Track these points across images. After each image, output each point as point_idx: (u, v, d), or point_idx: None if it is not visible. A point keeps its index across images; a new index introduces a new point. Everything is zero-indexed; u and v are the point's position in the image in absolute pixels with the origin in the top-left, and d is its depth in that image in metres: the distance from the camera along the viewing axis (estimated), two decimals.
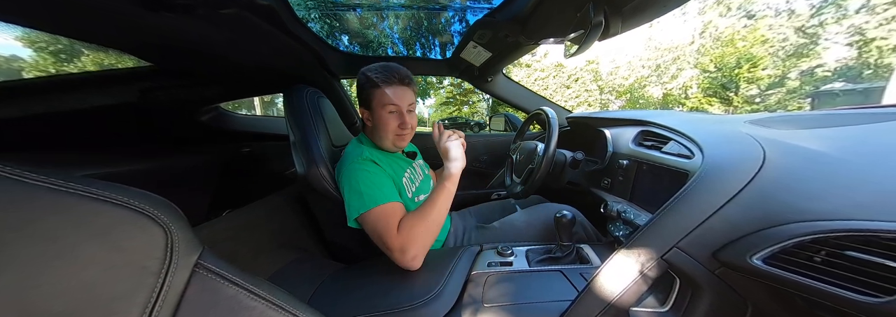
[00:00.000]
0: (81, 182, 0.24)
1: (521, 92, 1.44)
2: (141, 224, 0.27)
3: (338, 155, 0.75)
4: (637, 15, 0.59)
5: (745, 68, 8.43)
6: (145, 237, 0.27)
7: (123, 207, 0.26)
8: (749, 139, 0.48)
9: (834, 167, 0.38)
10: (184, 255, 0.30)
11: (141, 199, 0.28)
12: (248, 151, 1.26)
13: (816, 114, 0.57)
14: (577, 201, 0.97)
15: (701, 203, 0.43)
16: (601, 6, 0.56)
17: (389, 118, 0.68)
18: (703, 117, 0.74)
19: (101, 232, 0.25)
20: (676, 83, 10.92)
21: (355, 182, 0.61)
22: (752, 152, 0.45)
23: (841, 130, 0.46)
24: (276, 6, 0.60)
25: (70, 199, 0.24)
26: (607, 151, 0.86)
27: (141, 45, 0.71)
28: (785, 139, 0.46)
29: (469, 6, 1.28)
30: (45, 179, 0.23)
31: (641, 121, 0.81)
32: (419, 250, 0.58)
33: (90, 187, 0.25)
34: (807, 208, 0.35)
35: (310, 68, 1.03)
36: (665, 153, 0.64)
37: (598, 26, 0.56)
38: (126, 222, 0.26)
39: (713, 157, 0.48)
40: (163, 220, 0.28)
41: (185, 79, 0.91)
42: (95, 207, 0.25)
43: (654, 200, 0.65)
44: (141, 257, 0.28)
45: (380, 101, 0.68)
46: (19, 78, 0.75)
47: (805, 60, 9.11)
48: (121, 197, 0.26)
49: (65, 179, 0.24)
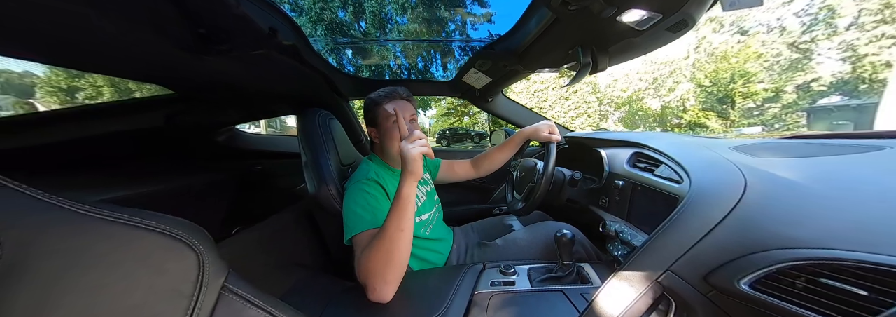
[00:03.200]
0: (128, 212, 0.28)
1: (520, 111, 1.50)
2: (178, 249, 0.31)
3: (345, 173, 0.79)
4: (622, 54, 0.65)
5: (739, 84, 8.59)
6: (182, 262, 0.31)
7: (162, 233, 0.30)
8: (732, 166, 0.51)
9: (810, 196, 0.40)
10: (213, 278, 0.33)
11: (176, 225, 0.31)
12: (259, 169, 1.31)
13: (796, 143, 0.61)
14: (576, 218, 1.00)
15: (690, 228, 0.45)
16: (589, 47, 0.62)
17: (394, 129, 0.74)
18: (691, 141, 0.78)
19: (144, 257, 0.28)
20: (674, 96, 11.09)
21: (353, 202, 0.65)
22: (735, 179, 0.47)
23: (817, 161, 0.49)
24: (298, 44, 0.67)
25: (118, 228, 0.27)
26: (604, 171, 0.90)
27: (171, 79, 0.78)
28: (764, 167, 0.49)
29: (470, 40, 1.38)
30: (97, 211, 0.26)
31: (635, 143, 0.86)
32: (380, 283, 0.54)
33: (135, 216, 0.28)
34: (787, 235, 0.37)
35: (321, 92, 1.09)
36: (657, 176, 0.67)
37: (586, 66, 0.62)
38: (165, 248, 0.30)
39: (700, 183, 0.51)
40: (196, 245, 0.32)
41: (207, 104, 0.98)
42: (139, 235, 0.28)
43: (649, 220, 0.68)
44: (178, 280, 0.31)
45: (384, 115, 0.74)
46: (67, 106, 0.82)
47: (800, 74, 9.29)
48: (160, 224, 0.29)
49: (114, 210, 0.27)
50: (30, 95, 16.02)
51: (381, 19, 9.40)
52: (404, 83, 1.45)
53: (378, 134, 0.77)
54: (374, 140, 0.80)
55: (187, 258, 0.31)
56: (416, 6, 9.48)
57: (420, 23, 9.81)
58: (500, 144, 1.73)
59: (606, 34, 0.58)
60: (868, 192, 0.38)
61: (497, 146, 1.06)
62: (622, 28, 0.52)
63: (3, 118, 0.71)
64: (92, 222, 0.25)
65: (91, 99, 12.58)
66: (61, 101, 14.06)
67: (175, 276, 0.30)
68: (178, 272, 0.30)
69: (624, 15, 0.47)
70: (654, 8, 0.45)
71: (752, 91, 8.74)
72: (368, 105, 0.77)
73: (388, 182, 0.72)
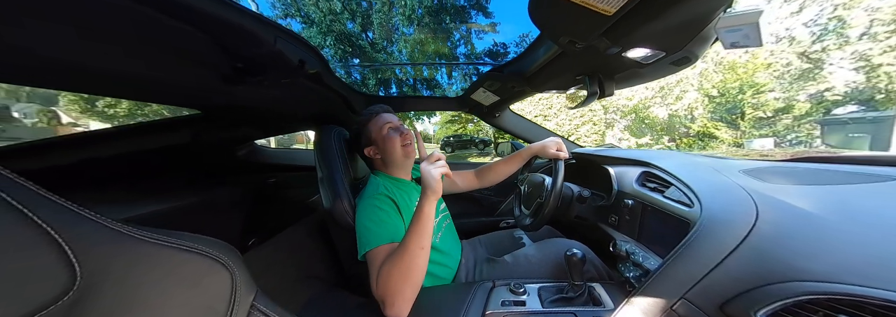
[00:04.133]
0: (175, 235, 0.30)
1: (527, 125, 1.53)
2: (215, 270, 0.33)
3: (357, 186, 0.83)
4: (628, 81, 0.68)
5: (748, 94, 8.47)
6: (217, 281, 0.33)
7: (203, 255, 0.32)
8: (742, 192, 0.51)
9: (825, 228, 0.40)
10: (244, 296, 0.36)
11: (213, 246, 0.34)
12: (273, 182, 1.36)
13: (807, 168, 0.60)
14: (585, 235, 1.00)
15: (703, 256, 0.45)
16: (595, 76, 0.65)
17: (389, 136, 0.79)
18: (700, 162, 0.78)
19: (187, 278, 0.30)
20: (681, 104, 10.98)
21: (366, 218, 0.68)
22: (747, 208, 0.47)
23: (831, 190, 0.48)
24: (321, 70, 0.72)
25: (169, 251, 0.29)
26: (613, 189, 0.91)
27: (203, 103, 0.84)
28: (776, 195, 0.48)
29: (478, 63, 1.44)
30: (152, 236, 0.28)
31: (643, 162, 0.87)
32: (400, 300, 0.55)
33: (181, 240, 0.30)
34: (803, 268, 0.37)
35: (337, 110, 1.15)
36: (667, 198, 0.68)
37: (594, 94, 0.65)
38: (205, 268, 0.32)
39: (711, 209, 0.51)
40: (229, 264, 0.34)
41: (230, 121, 1.03)
42: (186, 258, 0.30)
43: (660, 242, 0.68)
44: (214, 299, 0.33)
45: (375, 126, 0.80)
46: (107, 128, 0.90)
47: (812, 84, 9.13)
48: (201, 246, 0.32)
49: (165, 234, 0.29)
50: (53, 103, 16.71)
51: (388, 30, 9.69)
52: (414, 100, 1.50)
53: (377, 148, 0.81)
54: (375, 157, 0.83)
55: (222, 278, 0.33)
56: (423, 17, 9.75)
57: (426, 33, 10.07)
58: (507, 155, 1.76)
59: (612, 65, 0.61)
60: (888, 226, 0.37)
61: (503, 159, 1.08)
62: (627, 61, 0.55)
63: (62, 137, 0.78)
64: (148, 247, 0.28)
65: (110, 106, 13.06)
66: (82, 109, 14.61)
67: (211, 294, 0.32)
68: (214, 291, 0.32)
69: (628, 52, 0.50)
70: (658, 47, 0.48)
71: (762, 102, 8.61)
72: (358, 130, 0.83)
73: (397, 194, 0.74)
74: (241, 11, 0.40)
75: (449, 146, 14.16)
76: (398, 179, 0.83)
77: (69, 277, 0.22)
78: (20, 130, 14.10)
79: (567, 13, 0.40)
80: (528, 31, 10.50)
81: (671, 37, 0.44)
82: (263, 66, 0.55)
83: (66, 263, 0.22)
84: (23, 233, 0.20)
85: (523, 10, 0.43)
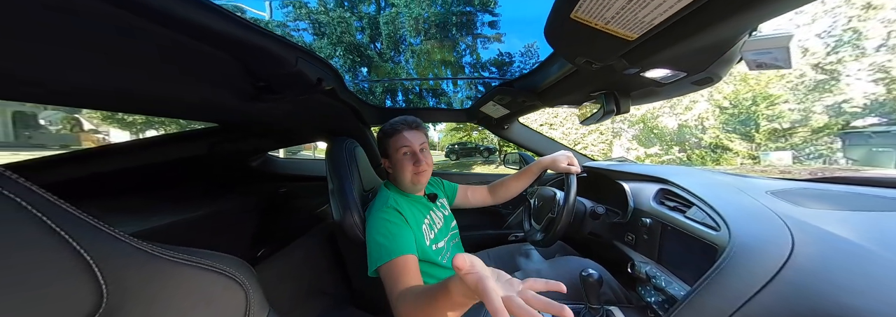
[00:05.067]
0: (196, 254, 0.30)
1: (536, 137, 1.52)
2: (232, 288, 0.33)
3: (366, 198, 0.83)
4: (645, 98, 0.67)
5: (762, 106, 8.30)
6: (233, 299, 0.33)
7: (219, 273, 0.32)
8: (775, 218, 0.48)
9: (870, 261, 0.37)
10: (256, 315, 0.35)
11: (229, 264, 0.33)
12: (284, 191, 1.37)
13: (844, 191, 0.57)
14: (599, 252, 0.96)
15: (735, 287, 0.42)
16: (612, 94, 0.65)
17: (404, 160, 0.78)
18: (722, 180, 0.75)
19: (205, 296, 0.30)
20: (691, 115, 10.83)
21: (376, 232, 0.67)
22: (781, 235, 0.44)
23: (874, 217, 0.45)
24: (336, 87, 0.73)
25: (190, 270, 0.29)
26: (629, 206, 0.88)
27: (221, 118, 0.86)
28: (812, 221, 0.45)
29: (489, 77, 1.45)
30: (176, 255, 0.29)
31: (660, 178, 0.84)
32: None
33: (201, 258, 0.31)
34: (849, 304, 0.35)
35: (349, 122, 1.16)
36: (690, 219, 0.65)
37: (610, 112, 0.64)
38: (220, 286, 0.32)
39: (741, 235, 0.48)
40: (244, 283, 0.34)
41: (245, 133, 1.06)
42: (205, 277, 0.31)
43: (683, 265, 0.65)
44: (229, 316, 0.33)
45: (394, 146, 0.78)
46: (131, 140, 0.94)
47: (828, 95, 8.91)
48: (218, 264, 0.32)
49: (186, 253, 0.30)
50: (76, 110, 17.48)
51: (396, 40, 10.00)
52: (423, 111, 1.51)
53: (391, 164, 0.81)
54: (389, 170, 0.83)
55: (237, 296, 0.33)
56: (430, 29, 10.04)
57: (432, 44, 10.37)
58: (514, 165, 1.75)
59: (630, 83, 0.61)
60: None
61: (514, 175, 1.07)
62: (645, 80, 0.55)
63: (88, 149, 0.81)
64: (170, 266, 0.28)
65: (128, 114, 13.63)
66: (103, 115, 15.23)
67: (226, 313, 0.32)
68: (230, 309, 0.33)
69: (648, 72, 0.50)
70: (679, 68, 0.47)
71: (777, 113, 8.41)
72: (380, 137, 0.82)
73: (404, 207, 0.74)
74: (266, 35, 0.42)
75: (453, 154, 14.19)
76: (408, 194, 0.83)
77: (96, 298, 0.22)
78: (45, 137, 14.75)
79: (586, 37, 0.39)
80: (534, 42, 10.68)
81: (693, 58, 0.43)
82: (284, 85, 0.56)
83: (95, 284, 0.22)
84: (59, 256, 0.20)
85: (528, 21, 0.42)
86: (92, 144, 14.26)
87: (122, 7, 0.29)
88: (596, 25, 0.36)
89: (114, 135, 15.74)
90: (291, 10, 9.33)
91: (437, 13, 9.86)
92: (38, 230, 0.20)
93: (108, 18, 0.31)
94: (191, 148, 0.94)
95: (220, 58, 0.44)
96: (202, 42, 0.39)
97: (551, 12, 0.38)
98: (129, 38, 0.36)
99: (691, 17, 0.29)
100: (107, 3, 0.28)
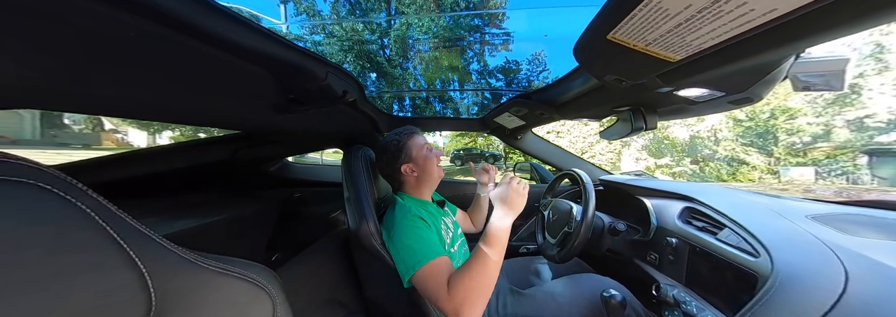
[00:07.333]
0: (230, 262, 0.31)
1: (550, 149, 1.50)
2: (261, 298, 0.33)
3: (379, 206, 0.82)
4: (674, 114, 0.65)
5: (781, 120, 8.07)
6: (261, 309, 0.33)
7: (250, 281, 0.33)
8: (822, 247, 0.46)
9: None
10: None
11: (258, 272, 0.34)
12: (298, 196, 1.38)
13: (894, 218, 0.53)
14: (618, 271, 0.93)
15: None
16: (639, 110, 0.63)
17: (430, 156, 0.81)
18: (755, 202, 0.71)
19: (236, 304, 0.31)
20: (704, 126, 10.61)
21: (406, 238, 0.66)
22: (831, 267, 0.42)
23: None
24: (358, 98, 0.74)
25: (223, 278, 0.30)
26: (651, 224, 0.85)
27: (248, 128, 0.88)
28: (864, 252, 0.43)
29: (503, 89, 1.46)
30: (213, 264, 0.29)
31: (685, 196, 0.81)
32: (473, 312, 0.56)
33: (233, 266, 0.31)
34: None
35: (364, 130, 1.18)
36: (722, 242, 0.62)
37: (639, 129, 0.63)
38: (252, 295, 0.32)
39: (786, 265, 0.45)
40: (271, 291, 0.34)
41: (266, 140, 1.08)
42: (238, 285, 0.31)
43: (716, 292, 0.61)
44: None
45: (415, 145, 0.81)
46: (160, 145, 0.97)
47: (849, 109, 8.63)
48: (248, 273, 0.32)
49: (220, 261, 0.30)
50: None
51: (404, 47, 10.24)
52: (437, 120, 1.52)
53: (416, 166, 0.80)
54: (411, 174, 0.81)
55: (265, 306, 0.34)
56: (438, 35, 10.27)
57: (440, 50, 10.60)
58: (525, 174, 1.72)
59: (660, 101, 0.59)
60: None
61: (470, 208, 1.11)
62: (677, 98, 0.53)
63: (112, 156, 0.84)
64: (209, 275, 0.29)
65: None
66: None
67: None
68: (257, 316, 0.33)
69: (682, 91, 0.48)
70: (717, 88, 0.46)
71: (797, 127, 8.15)
72: (396, 147, 0.80)
73: (424, 215, 0.74)
74: (302, 53, 0.43)
75: (459, 159, 14.14)
76: (423, 200, 0.83)
77: (146, 307, 0.23)
78: (68, 136, 15.39)
79: (620, 56, 0.39)
80: (541, 50, 10.76)
81: (735, 79, 0.42)
82: (312, 97, 0.57)
83: (146, 294, 0.23)
84: (115, 265, 0.21)
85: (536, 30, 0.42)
86: (111, 143, 14.79)
87: (180, 31, 0.31)
88: (635, 47, 0.35)
89: (132, 134, 16.32)
90: (305, 17, 9.68)
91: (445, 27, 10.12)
92: (98, 236, 0.21)
93: (164, 41, 0.33)
94: (215, 153, 0.97)
95: (255, 73, 0.45)
96: (243, 59, 0.40)
97: (586, 32, 0.38)
98: (178, 57, 0.37)
99: (746, 41, 0.28)
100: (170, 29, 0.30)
